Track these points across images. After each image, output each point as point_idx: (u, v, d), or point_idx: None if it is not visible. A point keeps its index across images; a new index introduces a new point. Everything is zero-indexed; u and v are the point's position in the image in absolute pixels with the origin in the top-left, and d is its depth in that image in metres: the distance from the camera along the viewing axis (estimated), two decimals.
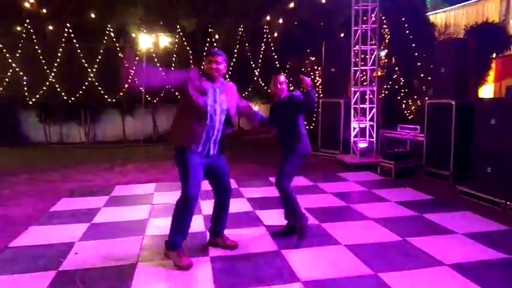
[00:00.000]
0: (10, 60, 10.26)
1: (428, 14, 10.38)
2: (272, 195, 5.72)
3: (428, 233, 4.19)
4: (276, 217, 4.51)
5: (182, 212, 3.41)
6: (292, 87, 10.24)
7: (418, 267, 3.40)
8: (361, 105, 8.15)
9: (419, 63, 9.34)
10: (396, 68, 10.02)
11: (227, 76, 11.53)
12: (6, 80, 10.26)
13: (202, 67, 3.57)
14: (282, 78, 3.99)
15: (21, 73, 10.33)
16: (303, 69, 11.16)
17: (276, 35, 12.41)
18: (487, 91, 9.96)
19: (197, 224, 4.46)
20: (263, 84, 11.90)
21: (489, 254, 3.66)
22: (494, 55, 9.17)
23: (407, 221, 4.59)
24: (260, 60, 12.19)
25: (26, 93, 10.40)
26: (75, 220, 4.63)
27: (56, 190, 6.06)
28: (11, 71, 10.27)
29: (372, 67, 8.16)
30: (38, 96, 10.48)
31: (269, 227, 4.38)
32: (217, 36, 12.00)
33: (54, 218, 4.75)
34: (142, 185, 6.35)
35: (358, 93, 8.06)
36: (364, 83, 8.44)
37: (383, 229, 4.31)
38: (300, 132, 3.90)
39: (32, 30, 10.44)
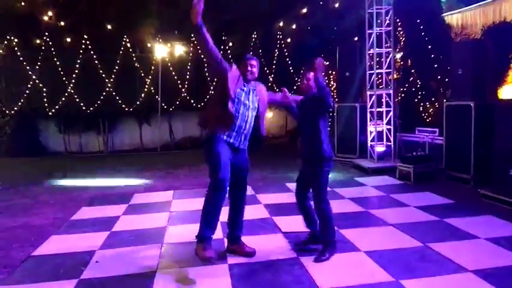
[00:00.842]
0: (30, 73, 10.53)
1: (443, 15, 10.25)
2: (288, 201, 5.71)
3: (450, 238, 4.10)
4: (293, 223, 4.48)
5: (212, 199, 3.39)
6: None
7: (440, 273, 3.33)
8: (378, 109, 8.07)
9: (435, 65, 9.22)
10: (412, 71, 9.92)
11: None
12: (27, 91, 10.51)
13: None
14: (311, 74, 3.73)
15: (40, 85, 10.59)
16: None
17: (289, 40, 12.44)
18: (507, 91, 9.75)
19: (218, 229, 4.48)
20: (277, 90, 11.89)
21: None
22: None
23: (428, 226, 4.50)
24: (274, 66, 12.22)
25: (46, 104, 10.63)
26: (95, 228, 4.70)
27: (76, 199, 6.17)
28: (31, 83, 10.53)
29: (387, 70, 8.09)
30: (57, 107, 10.71)
31: (287, 233, 4.36)
32: (230, 44, 12.09)
33: (75, 226, 4.83)
34: (160, 193, 6.41)
35: (374, 96, 8.00)
36: (380, 86, 8.37)
37: (403, 235, 4.24)
38: (321, 136, 3.67)
39: (50, 43, 10.70)
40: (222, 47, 11.85)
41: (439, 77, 9.33)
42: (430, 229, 4.40)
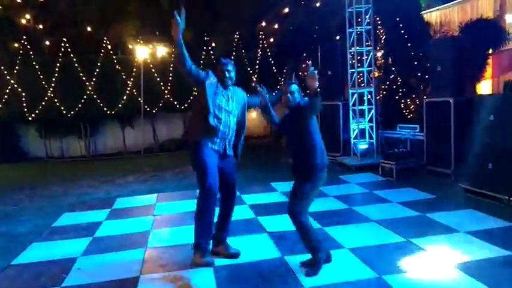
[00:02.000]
0: (8, 77, 10.30)
1: (423, 12, 10.37)
2: (274, 200, 5.74)
3: (431, 232, 4.16)
4: (278, 223, 4.50)
5: (205, 207, 3.45)
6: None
7: (423, 267, 3.37)
8: (360, 107, 8.14)
9: (415, 62, 9.34)
10: (393, 68, 10.02)
11: None
12: (5, 96, 10.28)
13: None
14: (294, 86, 3.47)
15: (19, 89, 10.36)
16: (300, 73, 11.17)
17: (272, 40, 12.46)
18: (485, 87, 9.94)
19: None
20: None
21: (494, 251, 3.63)
22: (490, 51, 9.16)
23: (410, 222, 4.57)
24: (257, 66, 12.23)
25: (25, 109, 10.42)
26: (77, 235, 4.62)
27: (57, 205, 6.05)
28: (9, 87, 10.30)
29: (368, 68, 8.17)
30: (37, 111, 10.50)
31: (272, 233, 4.36)
32: (214, 44, 12.05)
33: (56, 233, 4.74)
34: (143, 197, 6.34)
35: (356, 94, 8.06)
36: (362, 85, 8.44)
37: (386, 230, 4.29)
38: (312, 143, 3.36)
39: (28, 46, 10.49)
40: (204, 48, 11.81)
41: (419, 74, 9.44)
42: (413, 224, 4.47)
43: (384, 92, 10.25)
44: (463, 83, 6.77)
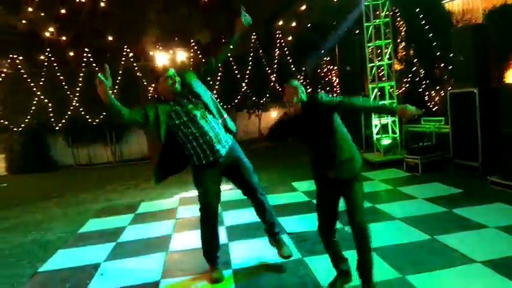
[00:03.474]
0: (35, 89, 10.66)
1: (443, 2, 10.07)
2: (295, 200, 5.69)
3: (458, 229, 4.01)
4: (299, 224, 4.45)
5: (202, 225, 3.43)
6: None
7: (447, 266, 3.25)
8: (381, 102, 7.96)
9: (438, 53, 9.07)
10: (415, 60, 9.78)
11: (243, 84, 11.59)
12: (33, 108, 10.65)
13: (156, 91, 3.42)
14: (295, 83, 3.01)
15: (45, 100, 10.71)
16: (318, 71, 11.06)
17: (290, 38, 12.39)
18: None
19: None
20: (280, 89, 11.86)
21: None
22: None
23: (436, 218, 4.42)
24: (276, 66, 12.18)
25: (52, 119, 10.76)
26: (101, 240, 4.72)
27: (84, 212, 6.21)
28: (36, 99, 10.66)
29: (388, 62, 7.98)
30: (63, 121, 10.82)
31: (292, 234, 4.31)
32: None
33: (82, 239, 4.86)
34: (166, 200, 6.42)
35: (376, 89, 7.90)
36: (383, 79, 8.25)
37: (410, 228, 4.17)
38: (344, 139, 2.94)
39: (53, 58, 10.82)
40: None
41: (442, 65, 9.17)
42: (438, 221, 4.32)
43: (407, 85, 10.01)
44: (489, 72, 6.49)
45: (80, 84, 10.83)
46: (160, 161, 3.37)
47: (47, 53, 10.88)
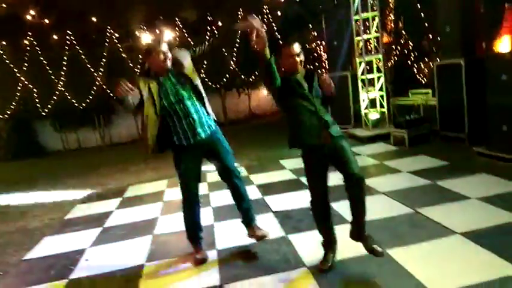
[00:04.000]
0: (18, 75, 10.46)
1: None
2: (282, 179, 5.69)
3: (441, 201, 4.02)
4: (284, 202, 4.47)
5: (183, 206, 3.44)
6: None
7: (428, 238, 3.26)
8: (369, 76, 7.90)
9: (426, 24, 8.93)
10: (403, 32, 9.64)
11: (233, 62, 11.44)
12: (18, 94, 10.48)
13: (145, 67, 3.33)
14: (297, 47, 2.97)
15: (30, 86, 10.53)
16: (307, 46, 10.91)
17: (277, 13, 12.16)
18: (502, 45, 9.44)
19: (205, 217, 4.46)
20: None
21: (505, 217, 3.48)
22: (506, 5, 8.65)
23: (419, 191, 4.44)
24: None
25: (38, 105, 10.61)
26: (88, 226, 4.71)
27: (72, 197, 6.19)
28: (20, 84, 10.48)
29: (376, 35, 7.86)
30: (49, 106, 10.68)
31: (277, 212, 4.33)
32: (220, 24, 11.87)
33: (69, 226, 4.85)
34: (154, 183, 6.40)
35: (363, 63, 7.81)
36: (373, 52, 8.14)
37: (393, 202, 4.18)
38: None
39: (35, 42, 10.58)
40: (209, 28, 11.65)
41: (431, 36, 9.05)
42: (421, 194, 4.34)
43: (396, 58, 9.91)
44: (476, 43, 6.41)
45: (65, 68, 10.64)
46: (158, 134, 3.29)
47: (29, 37, 10.62)
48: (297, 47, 3.00)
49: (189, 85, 3.31)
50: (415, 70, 9.50)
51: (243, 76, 11.92)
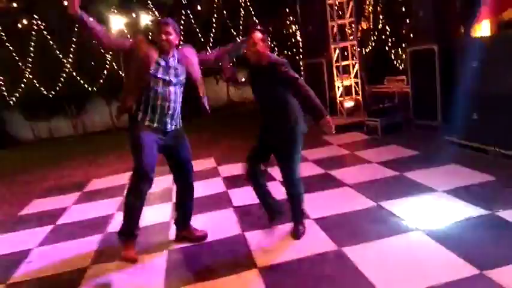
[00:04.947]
0: None
1: None
2: None
3: (405, 194, 3.87)
4: (247, 196, 4.27)
5: (136, 191, 3.06)
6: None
7: (387, 235, 3.11)
8: (344, 62, 7.69)
9: (403, 9, 8.75)
10: (381, 17, 9.44)
11: (208, 48, 11.11)
12: None
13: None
14: (259, 35, 3.12)
15: None
16: (284, 31, 10.63)
17: None
18: (479, 30, 9.30)
19: (165, 213, 4.27)
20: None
21: (469, 211, 3.34)
22: None
23: (385, 183, 4.29)
24: (241, 27, 11.67)
25: (5, 93, 10.18)
26: (40, 223, 4.44)
27: (31, 191, 5.90)
28: None
29: (350, 19, 7.62)
30: (17, 94, 10.25)
31: (238, 207, 4.14)
32: (199, 8, 11.51)
33: (20, 223, 4.58)
34: (118, 176, 6.12)
35: (338, 49, 7.59)
36: (351, 37, 7.90)
37: (358, 195, 4.03)
38: (290, 108, 3.18)
39: (0, 27, 10.09)
40: (189, 12, 11.28)
41: (408, 21, 8.87)
42: (388, 186, 4.20)
43: (373, 44, 9.73)
44: (449, 28, 6.24)
45: (32, 55, 10.18)
46: None
47: None
48: (257, 36, 3.10)
49: (182, 78, 3.23)
50: (393, 56, 9.35)
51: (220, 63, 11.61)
